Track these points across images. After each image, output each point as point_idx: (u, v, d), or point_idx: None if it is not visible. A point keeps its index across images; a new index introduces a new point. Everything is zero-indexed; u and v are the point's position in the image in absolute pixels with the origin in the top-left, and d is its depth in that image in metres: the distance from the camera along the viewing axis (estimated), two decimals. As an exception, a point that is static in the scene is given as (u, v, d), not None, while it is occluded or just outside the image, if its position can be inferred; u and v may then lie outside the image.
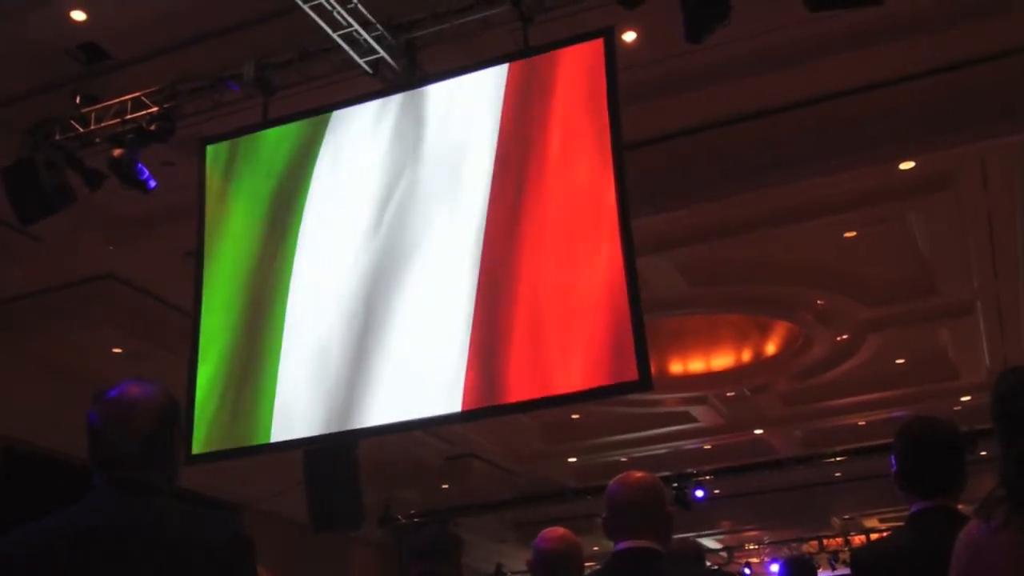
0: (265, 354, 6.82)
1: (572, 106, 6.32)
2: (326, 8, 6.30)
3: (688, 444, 16.34)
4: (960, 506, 3.02)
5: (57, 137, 7.49)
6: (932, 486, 3.05)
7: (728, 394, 14.31)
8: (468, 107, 6.69)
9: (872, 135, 8.06)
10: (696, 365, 13.89)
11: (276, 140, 7.28)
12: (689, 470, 16.23)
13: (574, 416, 14.13)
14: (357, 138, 6.96)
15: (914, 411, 11.38)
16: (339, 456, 7.44)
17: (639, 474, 3.15)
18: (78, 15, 6.87)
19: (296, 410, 6.61)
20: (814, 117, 8.04)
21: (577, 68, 6.37)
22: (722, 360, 13.78)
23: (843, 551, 19.48)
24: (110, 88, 7.40)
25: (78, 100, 7.43)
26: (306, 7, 6.25)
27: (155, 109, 7.21)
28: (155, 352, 10.34)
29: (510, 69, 6.59)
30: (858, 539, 19.43)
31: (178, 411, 2.43)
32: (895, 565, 3.06)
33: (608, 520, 3.07)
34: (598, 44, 6.30)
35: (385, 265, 6.57)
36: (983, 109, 7.80)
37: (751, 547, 22.10)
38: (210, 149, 7.37)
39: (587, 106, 6.26)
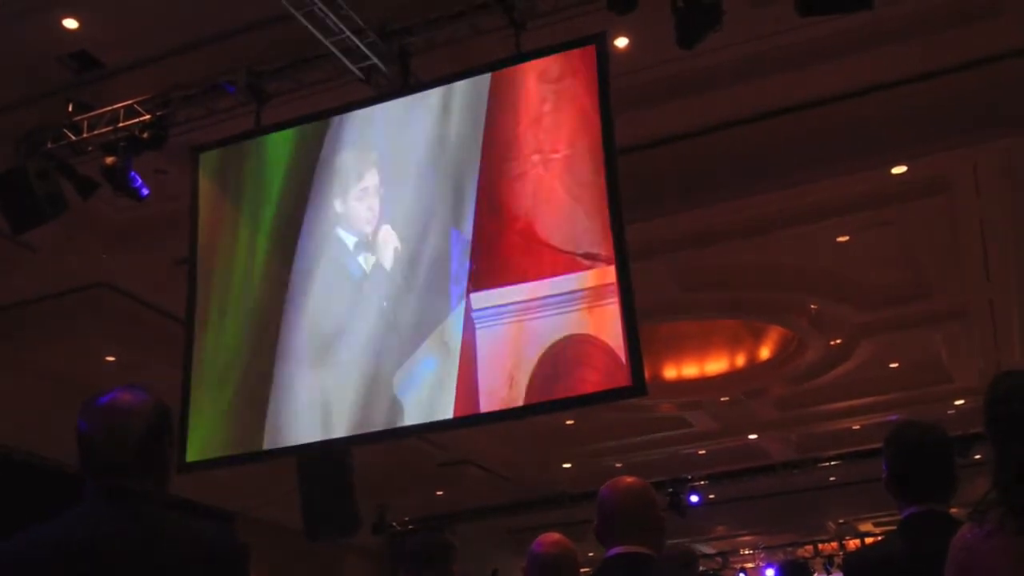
0: (259, 360, 6.82)
1: (565, 112, 6.33)
2: (318, 15, 6.30)
3: (683, 449, 16.34)
4: (954, 510, 3.02)
5: (49, 145, 7.48)
6: (923, 490, 3.05)
7: (722, 399, 14.31)
8: (460, 114, 6.70)
9: (865, 140, 8.07)
10: (690, 370, 13.89)
11: (269, 147, 7.28)
12: (684, 475, 16.25)
13: (568, 422, 14.12)
14: (350, 146, 6.96)
15: (908, 415, 11.42)
16: (333, 463, 7.43)
17: (630, 479, 3.15)
18: (70, 23, 6.86)
19: (290, 417, 6.61)
20: (807, 122, 8.05)
21: (569, 74, 6.38)
22: (716, 365, 13.78)
23: (838, 555, 19.52)
24: (102, 96, 7.39)
25: (70, 108, 7.42)
26: (299, 14, 6.25)
27: (148, 117, 7.20)
28: (148, 360, 10.32)
29: (503, 75, 6.60)
30: (853, 543, 19.47)
31: (170, 418, 2.42)
32: (887, 570, 3.06)
33: (600, 526, 3.07)
34: (590, 50, 6.32)
35: (380, 274, 6.58)
36: (975, 113, 7.82)
37: (746, 552, 22.12)
38: (203, 157, 7.38)
39: (580, 111, 6.27)
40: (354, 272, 6.66)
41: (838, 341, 12.34)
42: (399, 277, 6.51)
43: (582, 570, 4.06)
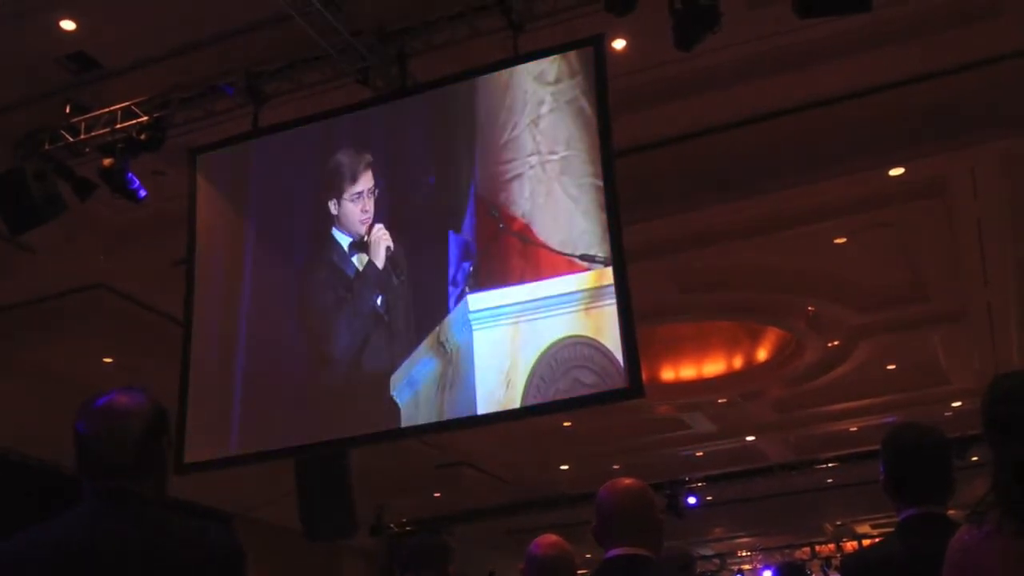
0: (256, 362, 6.82)
1: (563, 113, 6.33)
2: (317, 17, 6.29)
3: (681, 451, 16.34)
4: (951, 512, 3.02)
5: (47, 147, 7.47)
6: (920, 493, 3.04)
7: (720, 400, 14.31)
8: (458, 115, 6.71)
9: (862, 141, 8.07)
10: (688, 372, 13.89)
11: (267, 149, 7.28)
12: (682, 477, 16.24)
13: (566, 423, 14.12)
14: (347, 147, 6.96)
15: (906, 417, 11.40)
16: (331, 464, 7.43)
17: (628, 481, 3.15)
18: (68, 24, 6.86)
19: (288, 418, 6.61)
20: (804, 123, 8.05)
21: (568, 76, 6.38)
22: (714, 367, 13.78)
23: (835, 557, 19.52)
24: (100, 97, 7.38)
25: (68, 109, 7.41)
26: (297, 15, 6.25)
27: (145, 118, 7.19)
28: (146, 361, 10.31)
29: (501, 77, 6.60)
30: (850, 545, 19.47)
31: (167, 419, 2.42)
32: (885, 572, 3.05)
33: (598, 527, 3.07)
34: (588, 52, 6.33)
35: (373, 272, 6.58)
36: (973, 115, 7.82)
37: (744, 554, 22.13)
38: (201, 158, 7.38)
39: (578, 113, 6.27)
40: (349, 272, 6.67)
41: (836, 343, 12.34)
42: (393, 277, 6.52)
43: (580, 572, 4.06)
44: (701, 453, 16.55)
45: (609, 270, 5.88)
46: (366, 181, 6.80)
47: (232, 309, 7.00)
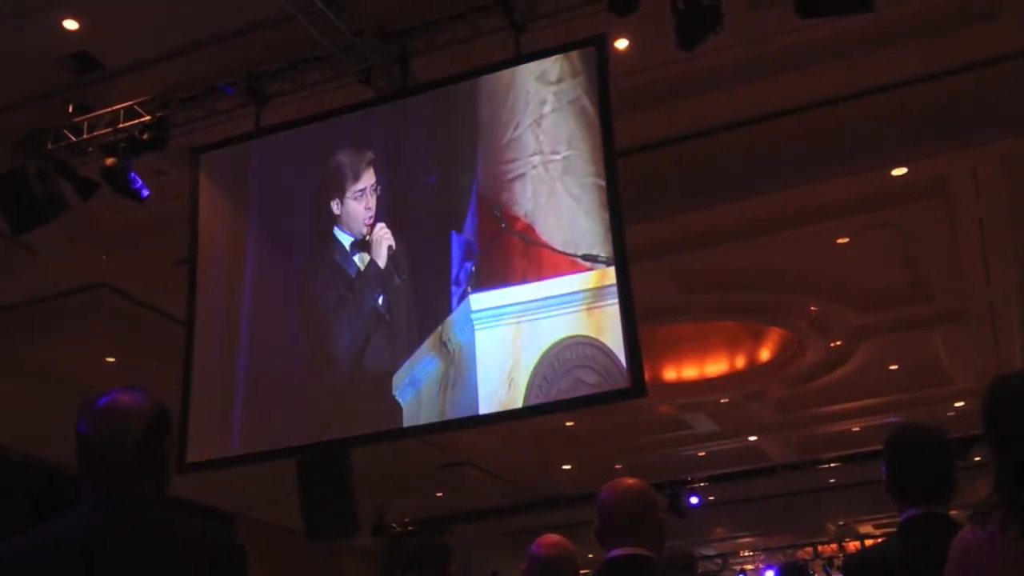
0: (258, 361, 6.82)
1: (565, 113, 6.33)
2: (319, 16, 6.29)
3: (683, 451, 16.33)
4: (953, 512, 3.02)
5: (49, 146, 7.47)
6: (922, 493, 3.04)
7: (722, 400, 14.30)
8: (460, 115, 6.71)
9: (865, 141, 8.07)
10: (690, 372, 13.88)
11: (269, 148, 7.28)
12: (684, 477, 16.24)
13: (568, 423, 14.12)
14: (349, 147, 6.97)
15: (908, 417, 11.38)
16: (333, 464, 7.43)
17: (630, 481, 3.14)
18: (70, 24, 6.86)
19: (290, 417, 6.61)
20: (807, 123, 8.05)
21: (570, 76, 6.38)
22: (716, 367, 13.78)
23: (838, 557, 19.52)
24: (103, 97, 7.39)
25: (71, 109, 7.42)
26: (299, 15, 6.25)
27: (148, 118, 7.19)
28: (147, 361, 10.32)
29: (503, 77, 6.60)
30: (853, 545, 19.47)
31: (169, 419, 2.41)
32: (886, 572, 3.05)
33: (600, 527, 3.07)
34: (591, 52, 6.33)
35: (374, 270, 6.58)
36: (975, 115, 7.81)
37: (746, 554, 22.11)
38: (203, 158, 7.38)
39: (580, 113, 6.27)
40: (351, 271, 6.68)
41: (838, 343, 12.33)
42: (395, 276, 6.52)
43: (582, 572, 4.05)
44: (703, 453, 16.54)
45: (611, 270, 5.87)
46: (368, 178, 6.81)
47: (234, 309, 7.00)
